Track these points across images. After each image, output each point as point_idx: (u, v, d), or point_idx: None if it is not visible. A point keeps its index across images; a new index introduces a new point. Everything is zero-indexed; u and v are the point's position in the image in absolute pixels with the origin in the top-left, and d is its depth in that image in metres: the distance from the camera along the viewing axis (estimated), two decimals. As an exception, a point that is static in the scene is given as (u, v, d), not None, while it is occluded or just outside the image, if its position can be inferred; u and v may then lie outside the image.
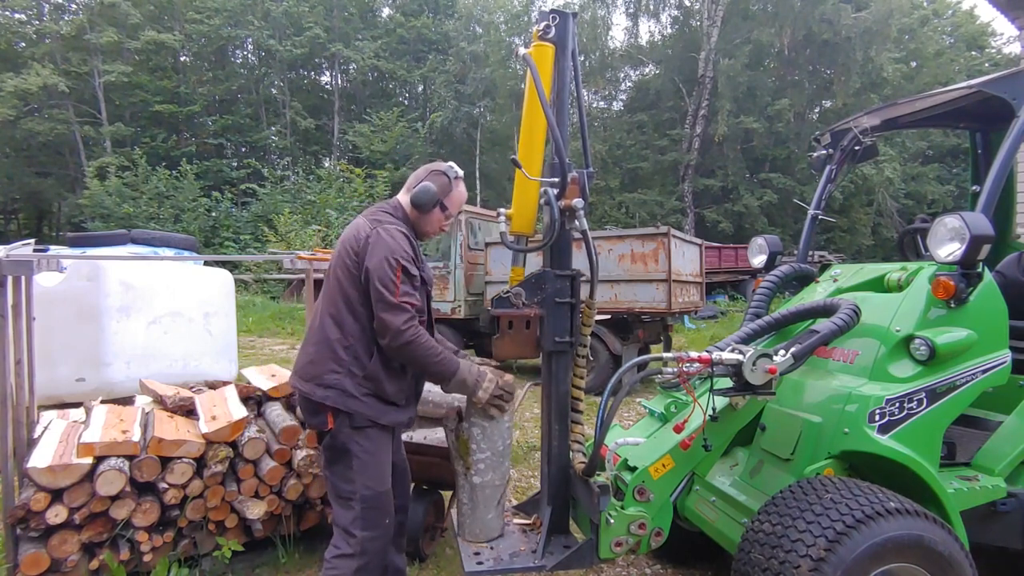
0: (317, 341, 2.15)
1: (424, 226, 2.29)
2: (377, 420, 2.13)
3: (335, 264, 2.19)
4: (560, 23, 2.34)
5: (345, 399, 2.09)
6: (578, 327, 2.33)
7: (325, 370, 2.10)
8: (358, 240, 2.12)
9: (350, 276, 2.11)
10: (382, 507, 2.15)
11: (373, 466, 2.14)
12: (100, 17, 25.71)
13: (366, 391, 2.11)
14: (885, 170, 23.36)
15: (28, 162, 26.96)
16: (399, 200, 2.30)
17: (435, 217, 2.28)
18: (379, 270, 2.03)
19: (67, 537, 2.51)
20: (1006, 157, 2.47)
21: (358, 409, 2.10)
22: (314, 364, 2.13)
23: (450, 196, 2.29)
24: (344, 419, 2.11)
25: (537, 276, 2.31)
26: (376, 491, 2.13)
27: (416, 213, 2.25)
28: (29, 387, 2.99)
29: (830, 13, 22.64)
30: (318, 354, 2.13)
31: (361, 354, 2.11)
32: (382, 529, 2.16)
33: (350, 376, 2.10)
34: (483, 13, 28.79)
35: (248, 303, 15.28)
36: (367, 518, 2.11)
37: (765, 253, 3.41)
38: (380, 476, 2.16)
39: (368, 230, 2.12)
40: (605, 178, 24.99)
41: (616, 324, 7.65)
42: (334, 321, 2.13)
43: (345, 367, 2.10)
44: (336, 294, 2.14)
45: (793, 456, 2.34)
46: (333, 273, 2.19)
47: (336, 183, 23.04)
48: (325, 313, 2.16)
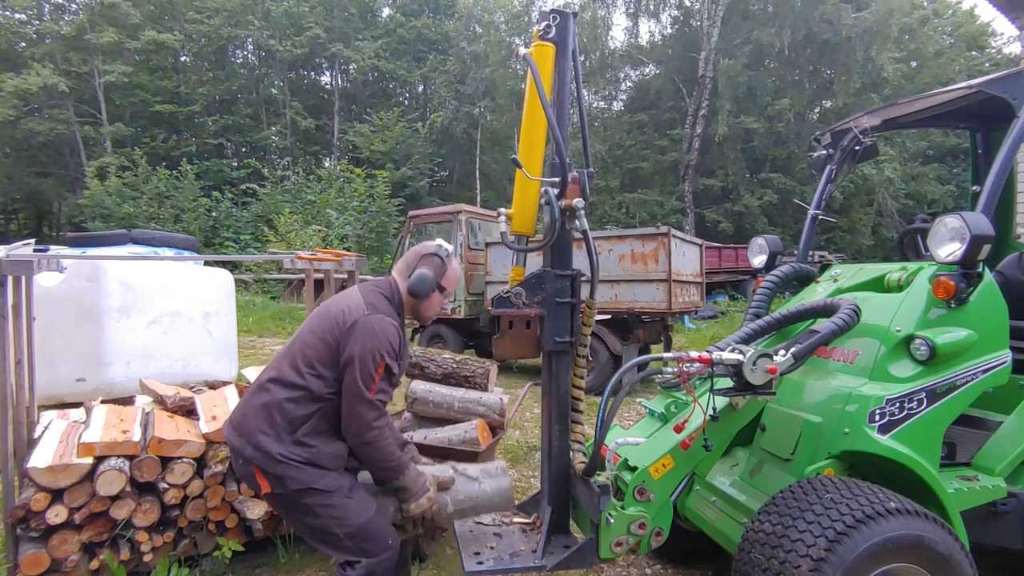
0: (259, 398, 2.07)
1: (424, 311, 2.28)
2: (311, 485, 2.00)
3: (313, 327, 2.12)
4: (560, 23, 2.34)
5: (274, 464, 1.98)
6: (578, 327, 2.33)
7: (256, 430, 2.01)
8: (347, 317, 2.06)
9: (326, 348, 2.05)
10: (374, 535, 2.04)
11: (340, 507, 2.01)
12: (100, 17, 25.73)
13: (296, 458, 2.00)
14: (885, 170, 23.35)
15: (28, 162, 26.97)
16: (395, 282, 2.26)
17: (435, 300, 2.28)
18: (362, 362, 1.98)
19: (67, 537, 2.51)
20: (1006, 157, 2.48)
21: (288, 474, 1.98)
22: (248, 420, 2.04)
23: (446, 276, 2.28)
24: (278, 482, 2.00)
25: (537, 276, 2.30)
26: (358, 525, 2.02)
27: (414, 301, 2.24)
28: (29, 387, 2.98)
29: (830, 13, 22.63)
30: (255, 411, 2.04)
31: (297, 421, 2.02)
32: (387, 551, 2.05)
33: (278, 441, 1.99)
34: (483, 13, 28.80)
35: (248, 303, 15.27)
36: (365, 549, 2.02)
37: (765, 253, 3.41)
38: (354, 511, 2.03)
39: (360, 313, 2.06)
40: (605, 178, 24.99)
41: (616, 324, 7.65)
42: (283, 383, 2.05)
43: (275, 431, 2.00)
44: (299, 358, 2.07)
45: (793, 456, 2.34)
46: (307, 334, 2.12)
47: (336, 183, 23.05)
48: (278, 372, 2.08)
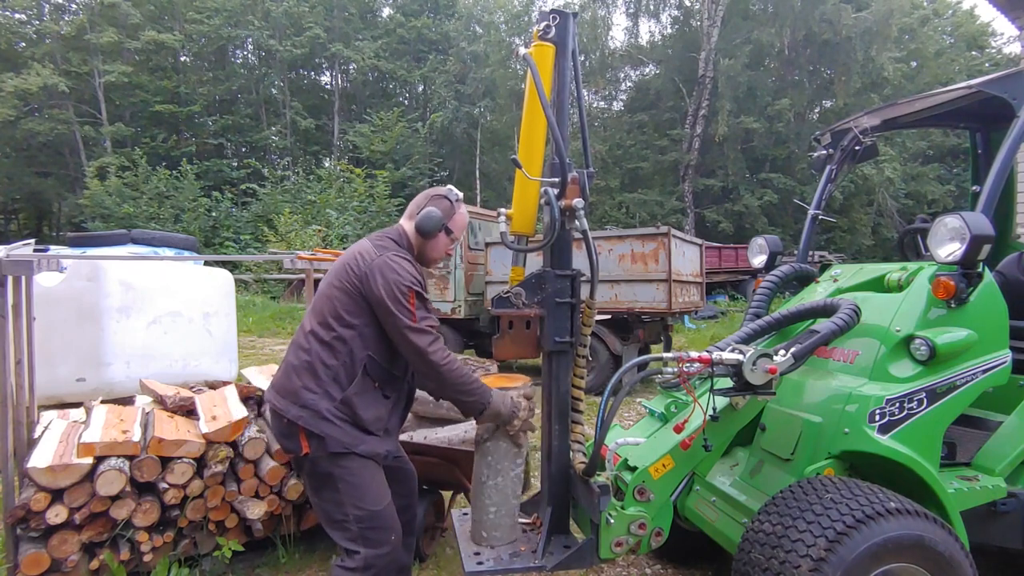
0: (298, 357, 2.08)
1: (430, 252, 2.27)
2: (351, 448, 2.03)
3: (331, 281, 2.12)
4: (560, 23, 2.34)
5: (318, 422, 2.00)
6: (578, 327, 2.33)
7: (302, 388, 2.03)
8: (361, 263, 2.07)
9: (348, 296, 2.06)
10: (382, 525, 2.06)
11: (362, 487, 2.05)
12: (100, 17, 25.72)
13: (342, 416, 2.03)
14: (885, 170, 23.35)
15: (28, 162, 26.95)
16: (402, 227, 2.26)
17: (441, 242, 2.26)
18: (391, 299, 1.99)
19: (67, 537, 2.51)
20: (1006, 157, 2.47)
21: (331, 434, 2.00)
22: (292, 380, 2.05)
23: (454, 219, 2.27)
24: (319, 443, 2.02)
25: (537, 276, 2.30)
26: (372, 511, 2.04)
27: (421, 240, 2.23)
28: (29, 387, 2.99)
29: (830, 13, 22.63)
30: (298, 371, 2.06)
31: (342, 377, 2.04)
32: (388, 546, 2.06)
33: (327, 398, 2.02)
34: (483, 13, 28.79)
35: (248, 303, 15.28)
36: (368, 538, 2.03)
37: (765, 253, 3.41)
38: (374, 495, 2.06)
39: (374, 255, 2.07)
40: (605, 178, 24.97)
41: (616, 324, 7.65)
42: (318, 339, 2.05)
43: (323, 388, 2.02)
44: (327, 311, 2.07)
45: (793, 456, 2.34)
46: (328, 289, 2.12)
47: (336, 183, 23.05)
48: (311, 328, 2.09)
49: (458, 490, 3.13)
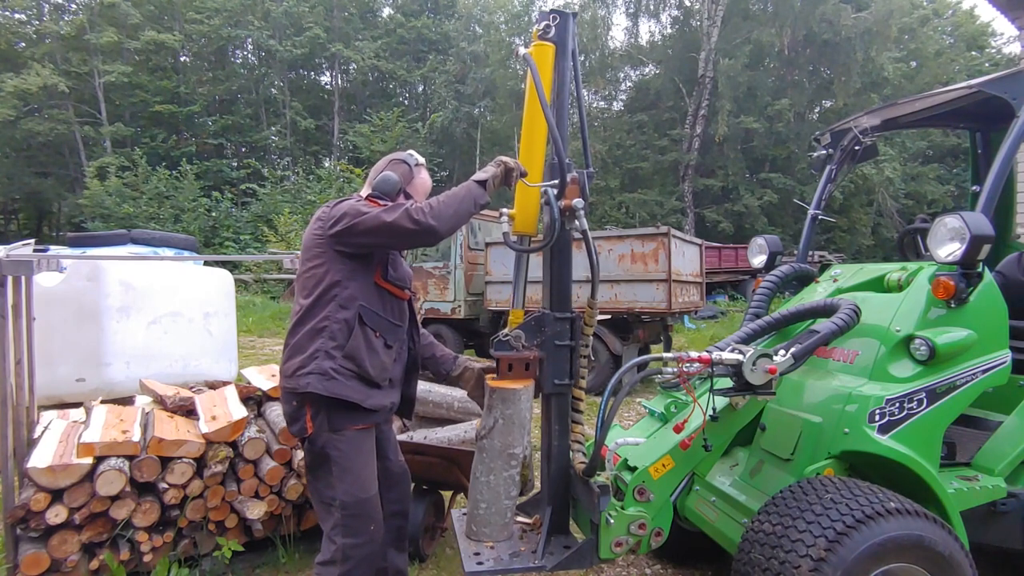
0: (294, 334, 2.12)
1: None
2: (362, 403, 2.07)
3: (303, 257, 2.18)
4: (560, 23, 2.34)
5: (326, 382, 2.03)
6: (577, 370, 2.31)
7: (305, 356, 2.06)
8: (320, 218, 2.13)
9: (322, 258, 2.09)
10: (365, 514, 2.10)
11: (354, 472, 2.09)
12: (100, 17, 25.71)
13: (348, 372, 2.06)
14: (885, 170, 23.35)
15: (28, 162, 26.94)
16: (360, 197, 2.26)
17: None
18: (353, 211, 2.02)
19: (67, 537, 2.51)
20: (1006, 157, 2.48)
21: (340, 392, 2.03)
22: (293, 356, 2.09)
23: (413, 184, 2.28)
24: (323, 420, 2.06)
25: (537, 318, 2.29)
26: (358, 497, 2.08)
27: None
28: (29, 387, 2.98)
29: (830, 13, 22.63)
30: (296, 346, 2.10)
31: (339, 334, 2.07)
32: (366, 536, 2.10)
33: (328, 358, 2.05)
34: (483, 13, 28.80)
35: (248, 303, 15.28)
36: (348, 525, 2.07)
37: (765, 253, 3.41)
38: (362, 482, 2.11)
39: (327, 209, 2.14)
40: (605, 178, 24.97)
41: (616, 324, 7.65)
42: (305, 309, 2.10)
43: (324, 350, 2.05)
44: (308, 282, 2.12)
45: (793, 456, 2.34)
46: (302, 266, 2.18)
47: (336, 183, 23.04)
48: (298, 305, 2.14)
49: (458, 490, 3.12)
